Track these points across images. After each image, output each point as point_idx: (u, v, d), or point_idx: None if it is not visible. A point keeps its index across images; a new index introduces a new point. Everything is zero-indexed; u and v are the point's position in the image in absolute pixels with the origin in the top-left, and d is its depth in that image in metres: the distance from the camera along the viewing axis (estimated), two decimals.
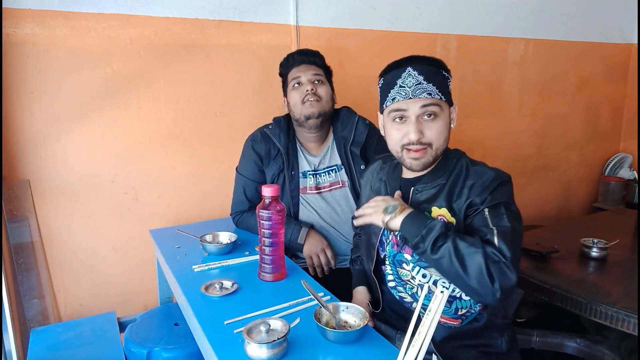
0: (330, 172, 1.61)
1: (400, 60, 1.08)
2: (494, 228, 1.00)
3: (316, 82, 1.54)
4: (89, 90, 1.68)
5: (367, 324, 0.96)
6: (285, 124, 1.61)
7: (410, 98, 1.04)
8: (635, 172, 3.31)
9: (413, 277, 1.12)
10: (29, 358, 1.34)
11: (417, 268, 1.11)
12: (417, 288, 1.12)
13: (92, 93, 1.69)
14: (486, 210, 1.02)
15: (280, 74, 1.63)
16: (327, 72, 1.60)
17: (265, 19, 1.94)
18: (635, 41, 3.20)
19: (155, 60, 1.77)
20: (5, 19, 1.52)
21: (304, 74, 1.53)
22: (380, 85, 1.13)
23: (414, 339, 0.83)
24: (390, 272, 1.18)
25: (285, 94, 1.61)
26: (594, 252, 1.72)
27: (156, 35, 1.75)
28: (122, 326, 1.56)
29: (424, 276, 1.10)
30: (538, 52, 2.82)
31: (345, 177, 1.60)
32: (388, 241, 1.17)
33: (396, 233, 1.13)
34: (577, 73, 3.06)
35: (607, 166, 3.35)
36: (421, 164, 1.07)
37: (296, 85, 1.54)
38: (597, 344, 1.59)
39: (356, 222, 1.15)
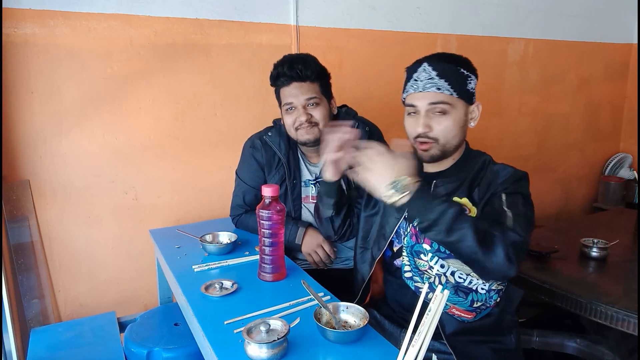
0: None
1: (425, 56, 1.13)
2: (507, 211, 1.02)
3: (310, 105, 1.44)
4: (89, 90, 1.68)
5: (367, 324, 0.96)
6: (286, 130, 1.54)
7: (420, 91, 1.08)
8: (635, 172, 3.31)
9: (431, 267, 1.13)
10: (29, 358, 1.34)
11: (436, 258, 1.12)
12: (435, 278, 1.12)
13: (92, 93, 1.69)
14: (503, 195, 1.05)
15: (271, 85, 1.51)
16: (323, 83, 1.48)
17: (265, 19, 1.94)
18: (635, 41, 3.20)
19: (155, 60, 1.77)
20: (5, 19, 1.52)
21: (296, 99, 1.42)
22: (405, 78, 1.17)
23: (414, 339, 0.83)
24: (408, 262, 1.18)
25: (279, 106, 1.52)
26: (594, 252, 1.72)
27: (156, 35, 1.75)
28: (122, 326, 1.56)
29: (442, 266, 1.11)
30: (538, 52, 2.82)
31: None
32: (406, 232, 1.18)
33: (415, 224, 1.13)
34: (577, 73, 3.06)
35: (607, 166, 3.35)
36: (428, 155, 1.11)
37: (289, 110, 1.45)
38: (597, 344, 1.59)
39: (351, 174, 1.05)
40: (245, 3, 1.89)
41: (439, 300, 0.85)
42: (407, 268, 1.19)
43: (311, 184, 1.57)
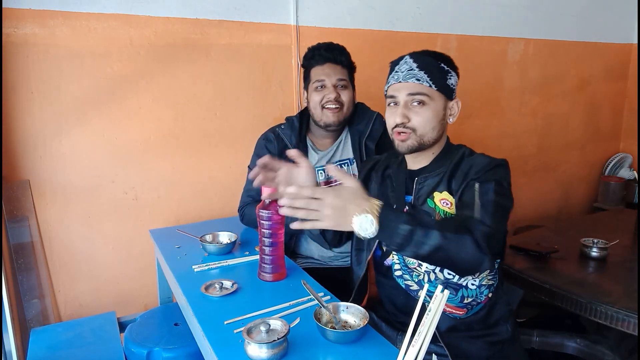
0: (342, 165, 1.60)
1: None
2: (477, 202, 1.01)
3: (340, 87, 1.51)
4: (89, 90, 1.68)
5: (367, 324, 0.96)
6: (298, 123, 1.59)
7: (400, 82, 1.11)
8: (635, 172, 3.31)
9: (420, 264, 1.13)
10: (29, 358, 1.34)
11: None
12: (424, 275, 1.12)
13: (92, 93, 1.69)
14: (476, 184, 1.04)
15: (303, 66, 1.59)
16: (351, 73, 1.57)
17: (265, 19, 1.94)
18: (635, 41, 3.20)
19: (155, 60, 1.77)
20: (5, 19, 1.52)
21: (328, 78, 1.50)
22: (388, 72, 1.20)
23: (414, 339, 0.83)
24: (397, 261, 1.18)
25: (305, 87, 1.58)
26: (594, 252, 1.72)
27: (156, 35, 1.75)
28: (122, 326, 1.56)
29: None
30: (538, 52, 2.82)
31: (356, 171, 1.58)
32: None
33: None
34: (577, 73, 3.06)
35: (607, 166, 3.35)
36: (405, 146, 1.11)
37: (319, 87, 1.51)
38: (597, 344, 1.59)
39: (294, 225, 0.94)
40: (245, 3, 1.89)
41: (439, 300, 0.85)
42: (397, 267, 1.19)
43: (319, 170, 1.58)
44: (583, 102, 3.15)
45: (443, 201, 1.11)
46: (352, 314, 1.02)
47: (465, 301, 1.12)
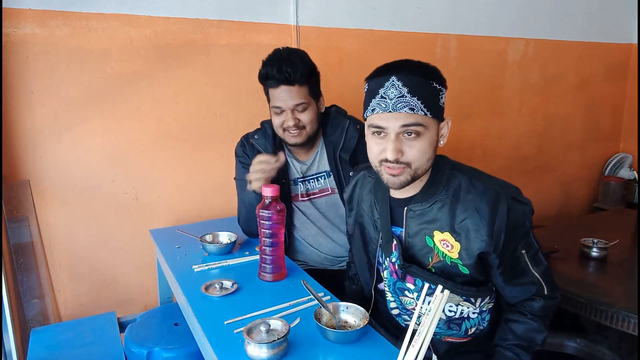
0: (319, 178, 1.55)
1: (387, 65, 0.99)
2: (539, 278, 1.05)
3: (298, 110, 1.41)
4: (89, 90, 1.68)
5: (367, 324, 0.96)
6: (271, 130, 1.52)
7: (390, 112, 0.94)
8: (635, 172, 3.31)
9: (418, 305, 1.05)
10: (29, 358, 1.34)
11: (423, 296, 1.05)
12: (425, 315, 1.05)
13: (92, 93, 1.69)
14: (525, 254, 1.03)
15: (260, 82, 1.47)
16: (312, 84, 1.43)
17: (265, 19, 1.94)
18: (635, 41, 3.20)
19: (155, 60, 1.77)
20: (5, 19, 1.52)
21: (284, 103, 1.39)
22: (365, 90, 1.02)
23: (414, 339, 0.84)
24: (392, 299, 1.12)
25: (268, 101, 1.48)
26: (594, 252, 1.72)
27: (156, 35, 1.75)
28: (122, 326, 1.56)
29: (429, 303, 1.02)
30: (538, 52, 2.82)
31: (334, 184, 1.53)
32: (385, 267, 1.11)
33: (394, 260, 1.06)
34: (577, 73, 3.05)
35: (607, 166, 3.35)
36: (398, 182, 0.98)
37: (278, 112, 1.42)
38: (597, 344, 1.59)
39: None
40: (245, 3, 1.89)
41: (439, 300, 0.85)
42: (392, 305, 1.13)
43: (299, 181, 1.55)
44: (583, 102, 3.15)
45: (443, 242, 1.01)
46: (352, 314, 1.02)
47: (470, 332, 1.07)
